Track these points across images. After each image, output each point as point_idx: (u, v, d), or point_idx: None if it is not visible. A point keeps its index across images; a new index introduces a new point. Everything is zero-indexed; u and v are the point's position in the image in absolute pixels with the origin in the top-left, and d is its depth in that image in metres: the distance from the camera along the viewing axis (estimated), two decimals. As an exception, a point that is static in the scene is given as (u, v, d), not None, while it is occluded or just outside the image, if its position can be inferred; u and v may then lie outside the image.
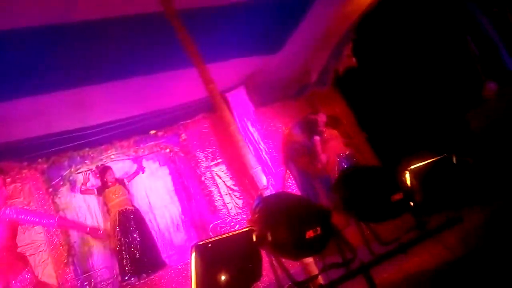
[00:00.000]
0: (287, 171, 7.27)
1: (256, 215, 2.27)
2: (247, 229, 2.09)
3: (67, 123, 5.68)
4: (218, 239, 2.09)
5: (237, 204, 7.05)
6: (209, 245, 1.93)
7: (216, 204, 6.89)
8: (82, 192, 6.40)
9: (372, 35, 6.74)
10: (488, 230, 3.58)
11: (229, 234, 2.14)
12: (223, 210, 6.88)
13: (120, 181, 6.48)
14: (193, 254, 1.86)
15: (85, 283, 5.88)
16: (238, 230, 2.12)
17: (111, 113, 5.91)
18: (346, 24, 6.66)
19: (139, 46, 4.92)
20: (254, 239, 2.07)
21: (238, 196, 7.14)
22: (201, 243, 1.91)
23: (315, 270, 2.98)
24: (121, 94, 5.61)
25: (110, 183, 6.32)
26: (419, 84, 6.25)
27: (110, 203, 6.30)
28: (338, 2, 6.11)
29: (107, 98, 5.55)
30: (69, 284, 5.68)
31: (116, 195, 6.29)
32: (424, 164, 2.76)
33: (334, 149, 6.65)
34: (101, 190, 6.36)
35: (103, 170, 6.42)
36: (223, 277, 1.90)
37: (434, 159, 2.86)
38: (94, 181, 6.58)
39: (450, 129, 5.74)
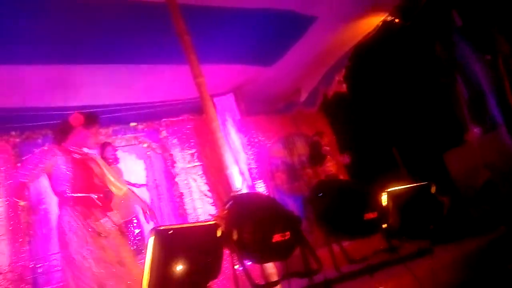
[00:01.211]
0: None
1: (225, 212, 2.17)
2: (213, 222, 1.98)
3: (45, 99, 5.49)
4: (181, 227, 1.98)
5: (208, 210, 6.89)
6: (171, 231, 1.81)
7: (185, 207, 6.72)
8: None
9: (366, 65, 6.81)
10: (459, 269, 3.54)
11: (194, 224, 2.04)
12: (192, 215, 6.70)
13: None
14: (152, 238, 1.74)
15: (38, 265, 5.61)
16: (204, 222, 2.01)
17: (93, 97, 5.74)
18: (342, 50, 6.74)
19: (133, 33, 4.82)
20: (219, 234, 1.96)
21: (210, 202, 6.99)
22: (162, 228, 1.79)
23: (276, 282, 2.87)
24: (106, 79, 5.47)
25: (110, 160, 5.98)
26: (404, 116, 6.30)
27: None
28: (339, 27, 6.17)
29: (91, 81, 5.40)
30: (20, 264, 5.41)
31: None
32: (403, 188, 2.71)
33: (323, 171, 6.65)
34: None
35: (103, 146, 6.10)
36: (180, 267, 1.77)
37: (414, 185, 2.82)
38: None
39: (427, 165, 5.78)
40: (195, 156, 7.14)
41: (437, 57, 6.11)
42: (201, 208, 6.83)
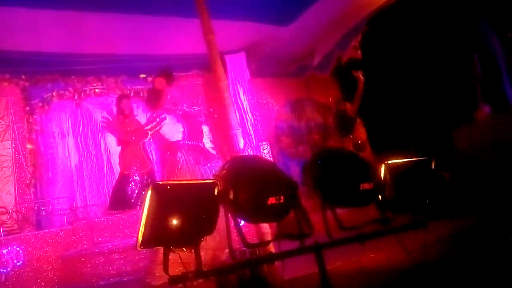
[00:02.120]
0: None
1: (224, 172, 2.21)
2: (211, 181, 2.03)
3: (57, 45, 5.50)
4: (179, 183, 2.03)
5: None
6: (168, 187, 1.86)
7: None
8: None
9: (383, 32, 6.64)
10: (452, 245, 3.61)
11: (192, 181, 2.09)
12: (195, 171, 6.81)
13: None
14: (149, 192, 1.78)
15: (42, 208, 5.82)
16: (202, 180, 2.06)
17: (104, 46, 5.75)
18: (361, 15, 6.55)
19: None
20: (216, 193, 2.01)
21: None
22: (160, 182, 1.84)
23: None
24: (118, 29, 5.44)
25: (126, 112, 6.08)
26: (415, 88, 6.21)
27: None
28: (359, -10, 5.99)
29: (104, 29, 5.38)
30: (26, 205, 5.61)
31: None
32: (402, 161, 2.72)
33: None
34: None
35: (119, 98, 6.19)
36: (175, 221, 1.83)
37: (413, 159, 2.82)
38: None
39: (434, 140, 5.75)
40: (201, 113, 7.15)
41: (457, 31, 5.95)
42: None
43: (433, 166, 2.81)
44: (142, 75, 6.75)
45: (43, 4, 4.74)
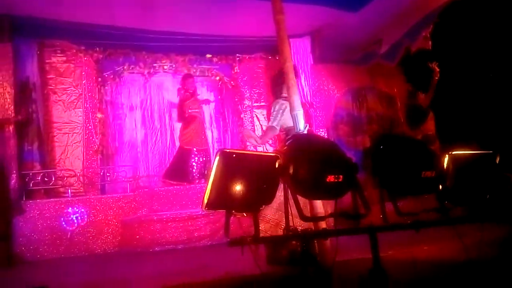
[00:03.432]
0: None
1: (285, 147, 2.28)
2: (273, 154, 2.11)
3: (131, 21, 5.77)
4: (245, 153, 2.13)
5: (267, 150, 7.09)
6: (234, 155, 1.96)
7: (247, 144, 6.96)
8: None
9: (457, 25, 6.35)
10: (509, 245, 3.47)
11: (256, 152, 2.19)
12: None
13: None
14: (217, 158, 1.90)
15: (107, 174, 6.22)
16: (265, 152, 2.15)
17: (176, 24, 5.94)
18: (433, 5, 6.28)
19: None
20: (277, 166, 2.09)
21: (270, 143, 7.17)
22: (227, 150, 1.95)
23: (322, 222, 3.02)
24: (188, 8, 5.60)
25: (190, 91, 6.47)
26: (487, 83, 5.91)
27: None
28: (434, -21, 5.74)
29: (176, 7, 5.57)
30: (92, 170, 6.01)
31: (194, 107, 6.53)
32: (467, 153, 2.65)
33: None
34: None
35: (184, 77, 6.56)
36: (238, 187, 1.94)
37: (478, 152, 2.74)
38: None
39: (501, 139, 5.47)
40: (262, 96, 7.27)
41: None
42: (261, 147, 7.04)
43: (497, 161, 2.72)
44: (208, 55, 6.95)
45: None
